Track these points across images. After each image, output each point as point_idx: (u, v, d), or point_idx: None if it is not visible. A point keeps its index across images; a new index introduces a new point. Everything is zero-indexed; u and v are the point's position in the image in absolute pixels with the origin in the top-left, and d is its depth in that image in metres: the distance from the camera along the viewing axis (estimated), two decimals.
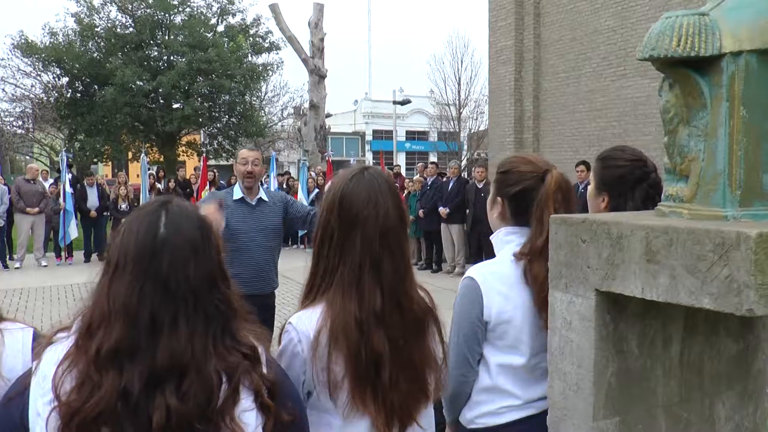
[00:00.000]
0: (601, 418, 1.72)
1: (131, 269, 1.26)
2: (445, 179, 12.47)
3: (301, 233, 15.83)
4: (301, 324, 1.59)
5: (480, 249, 11.55)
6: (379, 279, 1.59)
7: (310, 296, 1.66)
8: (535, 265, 1.96)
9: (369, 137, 50.08)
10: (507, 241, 2.10)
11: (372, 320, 1.56)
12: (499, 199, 2.15)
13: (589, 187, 2.38)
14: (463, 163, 33.44)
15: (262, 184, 4.52)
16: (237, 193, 4.34)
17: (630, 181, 2.27)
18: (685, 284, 1.46)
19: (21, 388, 1.26)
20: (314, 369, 1.55)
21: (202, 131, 28.67)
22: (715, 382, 1.94)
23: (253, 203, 4.33)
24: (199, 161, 28.54)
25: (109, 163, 28.02)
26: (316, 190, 15.43)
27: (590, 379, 1.72)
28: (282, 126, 34.66)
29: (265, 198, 4.39)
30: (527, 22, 14.36)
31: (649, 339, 1.81)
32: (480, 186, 11.35)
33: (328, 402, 1.55)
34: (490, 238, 2.23)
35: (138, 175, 24.10)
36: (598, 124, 13.11)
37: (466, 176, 15.28)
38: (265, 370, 1.35)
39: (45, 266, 13.23)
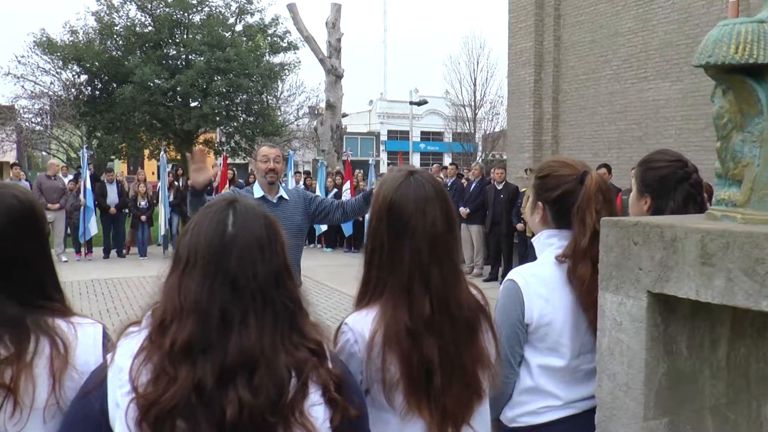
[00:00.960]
0: (651, 417, 1.75)
1: (201, 266, 1.31)
2: (464, 180, 12.48)
3: (318, 232, 15.91)
4: (357, 325, 1.62)
5: (498, 250, 11.57)
6: (427, 288, 1.61)
7: (365, 299, 1.68)
8: (579, 266, 1.98)
9: (384, 137, 50.12)
10: (548, 243, 2.12)
11: (422, 328, 1.58)
12: (539, 203, 2.16)
13: (632, 193, 2.41)
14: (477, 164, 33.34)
15: (280, 183, 4.53)
16: (257, 191, 4.34)
17: (672, 182, 2.29)
18: (743, 287, 1.49)
19: (98, 380, 1.30)
20: (370, 369, 1.58)
21: (219, 130, 28.81)
22: (762, 384, 1.96)
23: (275, 201, 4.32)
24: (216, 159, 28.72)
25: (125, 160, 28.18)
26: (335, 190, 15.48)
27: (641, 379, 1.74)
28: (297, 125, 34.75)
29: (285, 196, 4.38)
30: (547, 24, 14.35)
31: (698, 341, 1.83)
32: (499, 187, 11.36)
33: (386, 401, 1.58)
34: (532, 240, 2.25)
35: (153, 173, 24.22)
36: (618, 126, 13.07)
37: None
38: (330, 365, 1.38)
39: (65, 261, 13.36)
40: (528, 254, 9.26)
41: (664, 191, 2.29)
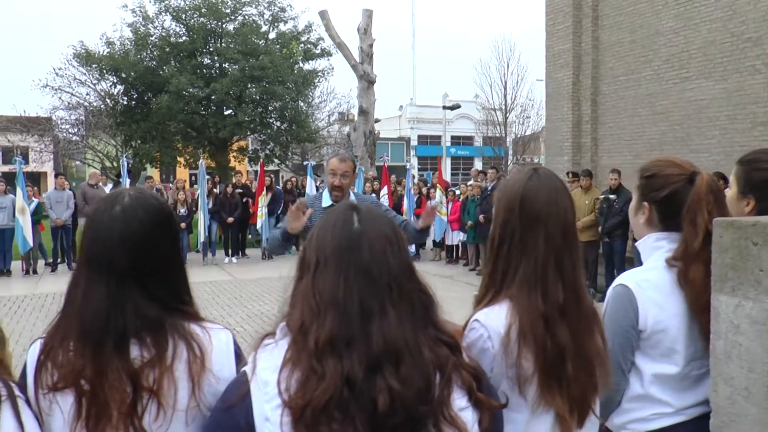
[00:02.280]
0: None
1: (333, 263, 1.31)
2: None
3: None
4: (489, 320, 1.61)
5: None
6: (561, 274, 1.62)
7: (488, 294, 1.68)
8: (691, 269, 1.93)
9: (414, 142, 50.08)
10: (657, 247, 2.06)
11: (556, 314, 1.58)
12: (645, 204, 2.11)
13: (729, 192, 2.33)
14: (509, 168, 33.19)
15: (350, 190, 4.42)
16: (326, 200, 4.25)
17: None
18: None
19: (240, 395, 1.29)
20: (504, 365, 1.57)
21: (252, 137, 29.05)
22: None
23: None
24: (250, 166, 28.88)
25: (158, 167, 28.59)
26: (372, 195, 15.46)
27: (764, 383, 1.69)
28: (328, 131, 34.89)
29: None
30: (585, 25, 14.18)
31: None
32: None
33: (515, 398, 1.56)
34: (636, 245, 2.20)
35: (186, 181, 24.54)
36: (659, 128, 12.86)
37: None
38: (466, 360, 1.38)
39: None
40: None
41: None
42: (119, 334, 1.40)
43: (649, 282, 1.98)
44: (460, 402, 1.29)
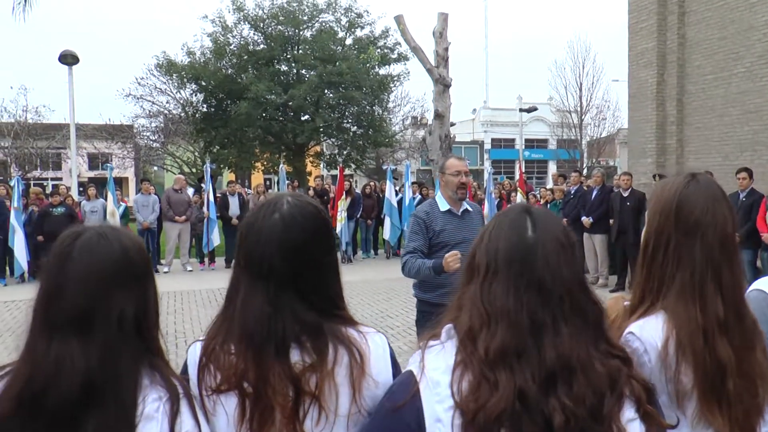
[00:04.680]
0: None
1: (504, 272, 1.29)
2: (585, 188, 12.07)
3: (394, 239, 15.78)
4: (645, 333, 1.54)
5: (625, 260, 11.08)
6: (719, 287, 1.54)
7: (643, 305, 1.61)
8: None
9: (487, 146, 49.62)
10: None
11: (715, 328, 1.50)
12: None
13: None
14: (584, 171, 32.44)
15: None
16: (443, 205, 4.27)
17: None
18: None
19: (409, 395, 1.28)
20: (662, 380, 1.49)
21: (327, 142, 29.42)
22: None
23: (459, 214, 4.27)
24: (326, 171, 29.25)
25: (233, 171, 29.36)
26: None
27: None
28: (402, 136, 35.00)
29: (469, 208, 4.34)
30: (670, 22, 13.71)
31: None
32: (625, 194, 10.88)
33: (672, 413, 1.48)
34: None
35: (265, 185, 25.05)
36: (751, 127, 12.28)
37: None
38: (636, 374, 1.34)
39: (190, 271, 13.95)
40: None
41: None
42: (280, 339, 1.42)
43: None
44: (628, 413, 1.26)
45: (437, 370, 1.26)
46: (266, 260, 1.46)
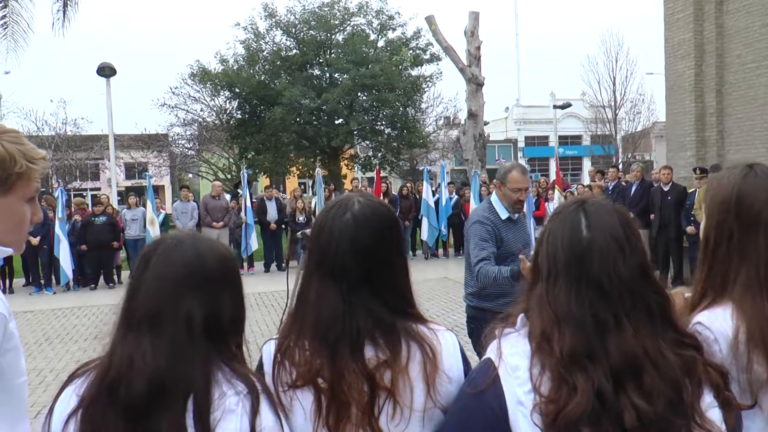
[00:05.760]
0: None
1: (564, 275, 1.32)
2: (624, 182, 11.90)
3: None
4: (716, 323, 1.53)
5: (667, 254, 10.92)
6: None
7: (707, 298, 1.61)
8: None
9: (521, 144, 49.21)
10: None
11: None
12: None
13: None
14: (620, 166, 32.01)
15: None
16: (503, 212, 4.36)
17: None
18: None
19: (489, 379, 1.31)
20: (734, 369, 1.49)
21: (361, 144, 29.49)
22: None
23: (515, 218, 4.41)
24: (361, 173, 29.30)
25: (267, 175, 29.64)
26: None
27: None
28: (436, 136, 34.93)
29: (524, 211, 4.53)
30: (708, 11, 13.42)
31: None
32: (666, 189, 10.72)
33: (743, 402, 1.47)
34: None
35: (302, 190, 25.25)
36: None
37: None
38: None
39: None
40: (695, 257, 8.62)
41: None
42: (354, 336, 1.45)
43: None
44: (708, 399, 1.27)
45: (515, 356, 1.30)
46: (338, 260, 1.49)
